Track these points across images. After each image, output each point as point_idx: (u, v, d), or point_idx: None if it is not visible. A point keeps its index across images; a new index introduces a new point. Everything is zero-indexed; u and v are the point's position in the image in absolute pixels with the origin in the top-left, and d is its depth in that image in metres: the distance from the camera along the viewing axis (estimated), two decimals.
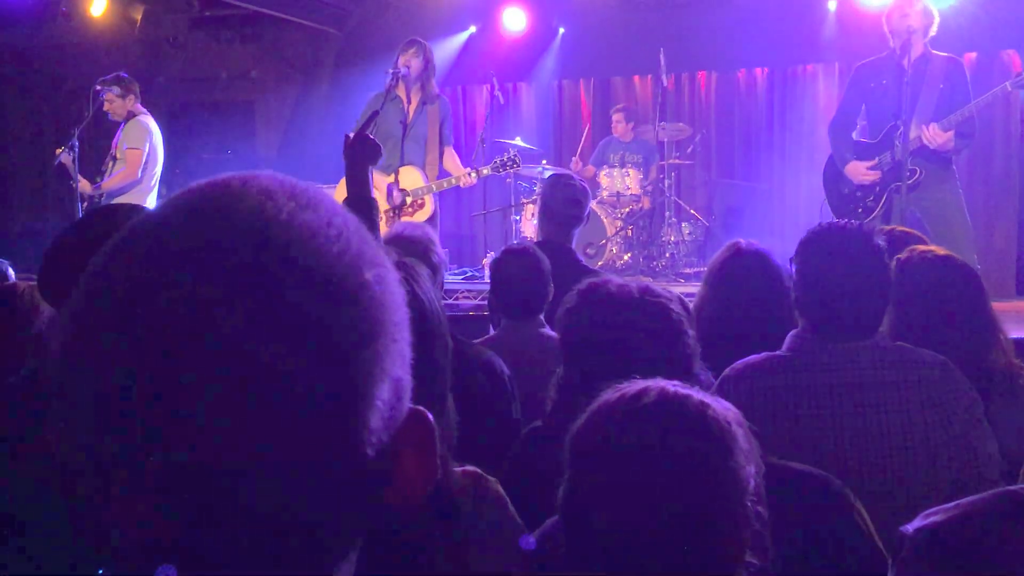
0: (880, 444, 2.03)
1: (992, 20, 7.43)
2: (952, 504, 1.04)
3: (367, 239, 0.56)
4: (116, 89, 6.19)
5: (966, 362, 2.18)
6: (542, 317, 3.01)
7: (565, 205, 3.80)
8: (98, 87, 6.22)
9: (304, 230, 0.53)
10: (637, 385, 1.17)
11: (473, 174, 5.39)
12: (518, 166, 5.47)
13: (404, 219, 5.33)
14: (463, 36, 9.03)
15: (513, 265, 3.05)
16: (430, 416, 0.58)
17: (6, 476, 1.43)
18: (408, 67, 5.38)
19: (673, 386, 1.16)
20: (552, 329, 2.46)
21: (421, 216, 5.38)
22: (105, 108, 6.22)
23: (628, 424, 1.12)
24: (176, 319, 0.49)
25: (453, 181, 5.41)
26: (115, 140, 6.32)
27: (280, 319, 0.50)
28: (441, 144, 5.55)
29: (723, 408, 1.15)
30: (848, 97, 5.20)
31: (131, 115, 6.26)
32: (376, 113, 4.60)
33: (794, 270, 2.21)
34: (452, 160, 5.63)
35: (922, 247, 2.50)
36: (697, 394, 1.15)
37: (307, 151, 9.04)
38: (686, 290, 7.08)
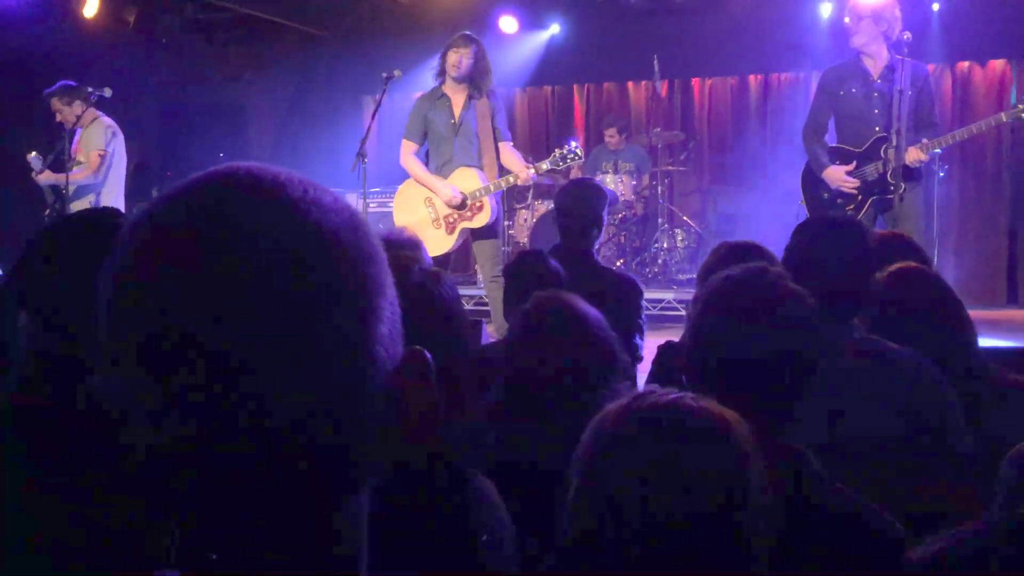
0: (848, 434, 2.01)
1: (984, 28, 7.46)
2: (956, 531, 1.04)
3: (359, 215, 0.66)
4: (61, 98, 6.22)
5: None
6: None
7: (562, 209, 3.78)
8: (44, 97, 6.28)
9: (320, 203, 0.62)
10: (661, 393, 1.18)
11: (532, 169, 5.09)
12: (580, 159, 5.26)
13: (463, 224, 5.16)
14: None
15: (528, 268, 3.06)
16: (427, 353, 0.66)
17: None
18: (459, 66, 5.10)
19: (692, 399, 1.17)
20: None
21: (481, 219, 5.13)
22: (58, 119, 6.27)
23: (653, 431, 1.14)
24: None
25: (511, 179, 5.13)
26: (72, 145, 6.32)
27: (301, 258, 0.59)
28: (495, 140, 5.23)
29: (741, 424, 1.16)
30: (817, 103, 5.21)
31: (87, 119, 6.29)
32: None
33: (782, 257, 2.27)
34: (511, 156, 5.24)
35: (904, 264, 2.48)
36: (717, 408, 1.17)
37: (299, 154, 9.02)
38: (680, 296, 7.10)
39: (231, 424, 0.57)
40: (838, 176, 4.97)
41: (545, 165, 5.18)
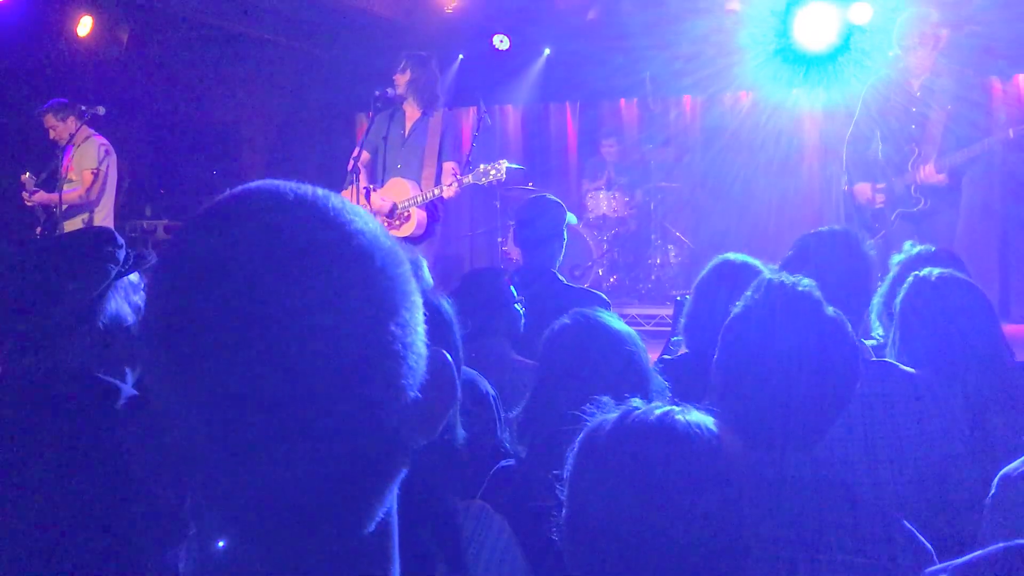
0: (863, 459, 2.00)
1: (983, 46, 7.49)
2: (960, 561, 1.03)
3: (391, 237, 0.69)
4: (55, 114, 6.21)
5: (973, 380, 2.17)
6: (507, 341, 2.97)
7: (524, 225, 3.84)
8: (38, 114, 6.28)
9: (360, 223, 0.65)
10: (648, 409, 1.17)
11: (454, 184, 5.27)
12: (501, 176, 5.37)
13: (390, 232, 5.30)
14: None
15: (471, 286, 3.03)
16: (448, 356, 0.69)
17: None
18: (395, 84, 5.39)
19: (681, 412, 1.17)
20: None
21: (407, 229, 5.31)
22: (51, 136, 6.27)
23: (643, 447, 1.14)
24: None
25: (436, 191, 5.31)
26: (64, 162, 6.30)
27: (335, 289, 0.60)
28: (440, 157, 5.41)
29: (732, 438, 1.16)
30: (860, 115, 5.21)
31: (81, 137, 6.28)
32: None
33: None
34: (450, 175, 5.44)
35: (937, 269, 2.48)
36: (706, 423, 1.16)
37: (292, 171, 8.99)
38: (672, 313, 7.08)
39: (282, 425, 0.58)
40: (864, 192, 5.01)
41: (468, 179, 5.32)
